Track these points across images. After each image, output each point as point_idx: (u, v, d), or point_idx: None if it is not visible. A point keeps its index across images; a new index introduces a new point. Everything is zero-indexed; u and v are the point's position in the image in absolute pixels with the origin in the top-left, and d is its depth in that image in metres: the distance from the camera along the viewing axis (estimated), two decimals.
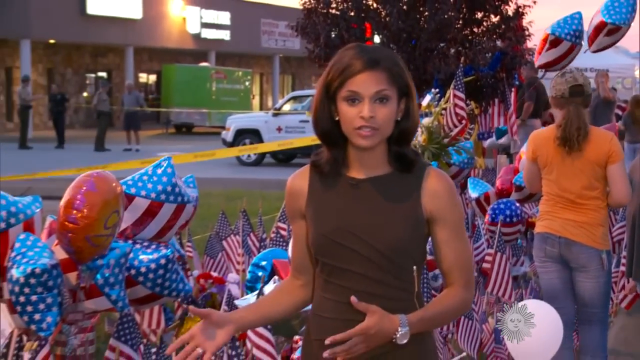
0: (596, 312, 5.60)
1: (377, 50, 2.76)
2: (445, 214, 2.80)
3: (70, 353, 5.23)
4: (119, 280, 4.84)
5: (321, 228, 2.80)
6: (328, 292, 2.82)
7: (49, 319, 4.54)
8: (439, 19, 12.16)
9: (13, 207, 4.65)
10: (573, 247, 5.47)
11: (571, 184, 5.47)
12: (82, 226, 4.45)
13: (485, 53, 12.28)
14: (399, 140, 2.80)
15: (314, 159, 2.85)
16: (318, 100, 2.79)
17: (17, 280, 4.44)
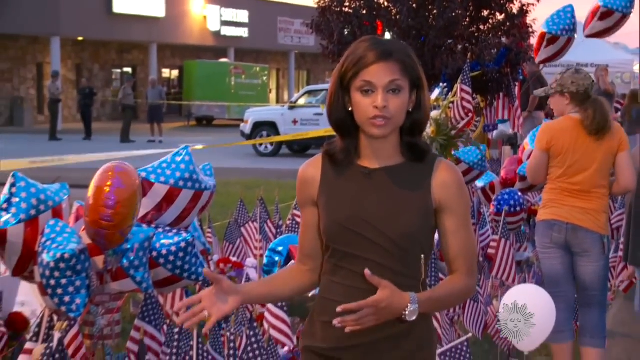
0: (596, 294, 5.61)
1: (391, 43, 2.73)
2: (454, 204, 2.77)
3: (98, 332, 5.25)
4: (143, 262, 4.85)
5: (334, 215, 2.76)
6: (337, 276, 2.79)
7: (78, 301, 4.56)
8: (447, 17, 12.15)
9: (42, 195, 4.66)
10: (579, 233, 5.48)
11: (585, 173, 5.47)
12: (116, 223, 4.47)
13: (491, 49, 12.23)
14: (411, 130, 2.77)
15: (327, 148, 2.81)
16: (332, 91, 2.76)
17: (47, 265, 4.45)
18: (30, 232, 4.53)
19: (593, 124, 5.42)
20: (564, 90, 5.52)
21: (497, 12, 12.81)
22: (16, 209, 4.38)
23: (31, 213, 4.53)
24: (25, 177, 4.40)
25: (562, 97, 5.55)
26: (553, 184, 5.56)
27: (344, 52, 10.07)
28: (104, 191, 4.44)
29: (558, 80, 5.59)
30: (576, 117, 5.49)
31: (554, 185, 5.56)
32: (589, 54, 21.84)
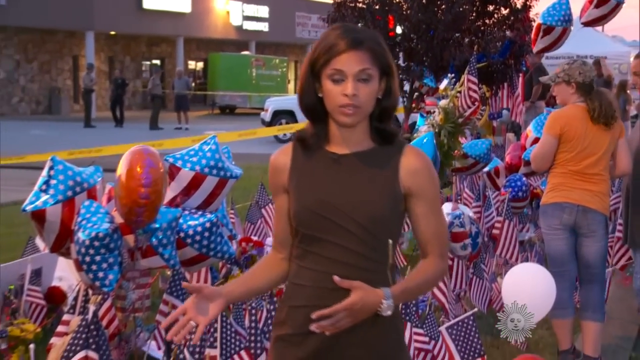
0: (597, 272, 5.61)
1: (361, 31, 2.61)
2: (424, 189, 2.64)
3: (129, 306, 5.27)
4: (170, 241, 4.87)
5: (303, 200, 2.63)
6: (306, 261, 2.64)
7: (111, 277, 4.58)
8: (454, 12, 12.10)
9: (78, 177, 4.68)
10: (589, 214, 5.45)
11: (592, 158, 5.44)
12: (153, 199, 4.49)
13: (496, 42, 12.20)
14: (380, 117, 2.65)
15: (299, 134, 2.71)
16: (303, 77, 2.62)
17: (82, 243, 4.47)
18: (67, 212, 4.55)
19: (601, 115, 5.41)
20: (571, 79, 5.48)
21: (502, 7, 12.78)
22: (54, 191, 4.39)
23: (68, 194, 4.55)
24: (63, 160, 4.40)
25: (568, 86, 5.51)
26: (562, 168, 5.51)
27: None
28: (138, 172, 4.45)
29: (565, 70, 5.54)
30: (582, 106, 5.47)
31: (563, 170, 5.51)
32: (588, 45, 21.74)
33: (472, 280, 6.33)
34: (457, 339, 4.94)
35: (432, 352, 4.85)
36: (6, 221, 10.75)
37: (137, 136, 22.83)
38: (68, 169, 4.61)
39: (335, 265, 2.56)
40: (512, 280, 4.93)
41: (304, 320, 2.59)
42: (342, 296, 2.51)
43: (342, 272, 2.53)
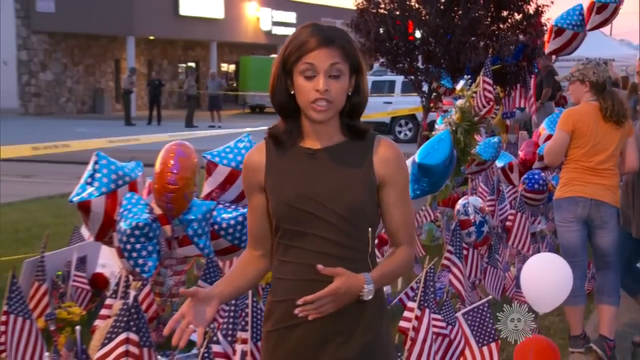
0: (611, 260, 5.59)
1: (332, 30, 2.50)
2: (395, 178, 2.56)
3: (167, 291, 5.30)
4: (205, 231, 4.89)
5: (282, 196, 2.52)
6: (289, 255, 2.53)
7: (150, 264, 4.61)
8: (470, 17, 12.09)
9: (120, 172, 4.70)
10: (601, 207, 5.43)
11: (604, 154, 5.41)
12: (180, 186, 4.51)
13: (510, 45, 12.17)
14: (350, 113, 2.55)
15: (270, 131, 2.60)
16: (275, 75, 2.52)
17: (124, 232, 4.50)
18: (110, 203, 4.58)
19: (613, 114, 5.38)
20: (585, 79, 5.46)
21: (515, 12, 12.75)
22: (99, 183, 4.43)
23: (111, 187, 4.59)
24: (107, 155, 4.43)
25: (582, 85, 5.48)
26: (574, 164, 5.48)
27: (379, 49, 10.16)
28: (169, 161, 4.49)
29: (580, 70, 5.50)
30: (594, 104, 5.44)
31: (575, 165, 5.48)
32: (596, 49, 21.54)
33: (486, 269, 6.32)
34: (472, 324, 4.92)
35: (449, 337, 4.83)
36: (54, 212, 10.84)
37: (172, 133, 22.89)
38: (111, 163, 4.64)
39: (317, 257, 2.46)
40: (530, 269, 4.89)
41: (285, 314, 2.52)
42: (324, 287, 2.43)
43: (324, 263, 2.44)
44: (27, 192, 12.99)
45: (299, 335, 2.52)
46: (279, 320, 2.55)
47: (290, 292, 2.49)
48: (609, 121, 5.39)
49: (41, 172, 15.65)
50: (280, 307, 2.54)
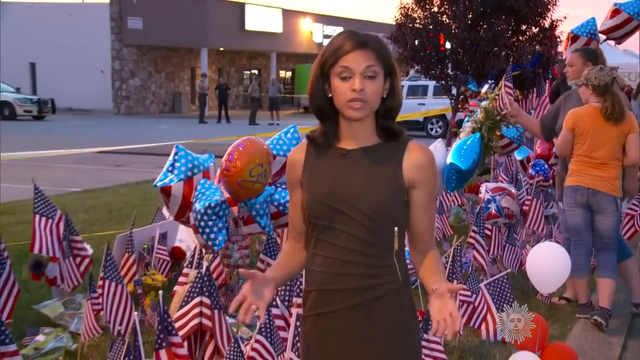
0: (609, 242, 5.49)
1: (366, 35, 2.30)
2: (423, 182, 2.30)
3: (234, 263, 5.33)
4: (266, 212, 4.91)
5: (315, 193, 2.32)
6: (319, 248, 2.33)
7: (220, 238, 4.64)
8: (494, 30, 12.02)
9: (196, 161, 4.74)
10: (598, 195, 5.35)
11: (601, 149, 5.32)
12: (232, 173, 4.53)
13: (528, 55, 12.06)
14: (385, 115, 2.31)
15: (310, 133, 2.38)
16: (313, 79, 2.30)
17: (199, 211, 4.53)
18: (187, 188, 4.62)
19: (612, 113, 5.28)
20: (589, 82, 5.37)
21: (533, 26, 12.65)
22: (178, 171, 4.47)
23: (188, 174, 4.62)
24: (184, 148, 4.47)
25: (587, 88, 5.41)
26: (577, 158, 5.43)
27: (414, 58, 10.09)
28: (229, 152, 4.54)
29: (585, 75, 5.41)
30: (596, 105, 5.35)
31: (577, 159, 5.43)
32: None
33: (505, 246, 6.29)
34: (493, 293, 4.90)
35: (473, 304, 4.82)
36: (141, 195, 10.98)
37: (238, 130, 23.04)
38: (188, 154, 4.68)
39: (344, 252, 2.28)
40: (535, 257, 4.83)
41: (316, 302, 2.34)
42: (347, 281, 2.28)
43: (349, 258, 2.27)
44: (118, 179, 13.18)
45: (326, 324, 2.33)
46: (311, 308, 2.38)
47: (319, 282, 2.32)
48: (609, 120, 5.30)
49: (130, 162, 15.85)
50: (311, 295, 2.36)
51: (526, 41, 12.56)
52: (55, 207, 5.09)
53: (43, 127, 25.98)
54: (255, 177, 4.63)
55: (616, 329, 5.55)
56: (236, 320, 4.72)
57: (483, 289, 4.87)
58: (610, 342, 5.33)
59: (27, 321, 5.07)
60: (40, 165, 13.97)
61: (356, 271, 2.26)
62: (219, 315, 3.70)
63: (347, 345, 2.32)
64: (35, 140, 19.59)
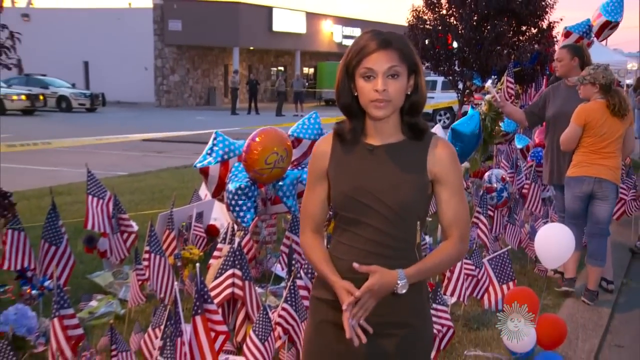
0: (604, 227, 5.38)
1: (390, 34, 2.11)
2: (448, 176, 2.15)
3: (262, 239, 5.34)
4: (292, 193, 4.89)
5: (342, 186, 2.16)
6: (343, 237, 2.19)
7: (248, 217, 4.64)
8: (496, 31, 11.95)
9: (232, 146, 4.74)
10: (603, 183, 5.21)
11: (609, 141, 5.19)
12: (249, 163, 4.51)
13: (527, 53, 11.95)
14: (410, 111, 2.16)
15: (337, 128, 2.22)
16: (339, 79, 2.15)
17: (230, 191, 4.53)
18: (223, 169, 4.62)
19: (620, 109, 5.15)
20: (596, 81, 5.19)
21: (532, 27, 12.56)
22: (215, 155, 4.47)
23: (224, 157, 4.62)
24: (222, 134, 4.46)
25: (593, 87, 5.20)
26: (585, 149, 5.25)
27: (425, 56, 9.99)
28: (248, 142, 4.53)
29: (591, 74, 5.23)
30: (602, 101, 5.20)
31: (585, 150, 5.25)
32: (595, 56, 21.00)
33: (506, 226, 6.24)
34: (495, 268, 4.87)
35: (477, 277, 4.79)
36: (179, 178, 11.03)
37: (266, 121, 23.05)
38: (226, 139, 4.67)
39: (368, 243, 2.14)
40: (543, 236, 4.77)
41: None
42: None
43: (374, 249, 2.13)
44: (160, 164, 13.24)
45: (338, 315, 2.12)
46: (332, 293, 2.17)
47: (344, 270, 2.15)
48: (616, 115, 5.16)
49: (170, 149, 15.92)
50: None
51: (526, 41, 12.47)
52: (105, 189, 5.12)
53: (94, 118, 26.15)
54: (272, 164, 4.61)
55: (604, 301, 5.52)
56: (264, 290, 4.74)
57: (486, 264, 4.85)
58: (599, 311, 5.31)
59: (81, 289, 5.12)
60: (92, 152, 14.09)
61: (379, 262, 2.11)
62: (249, 285, 3.71)
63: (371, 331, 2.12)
64: (88, 129, 19.73)
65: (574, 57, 5.83)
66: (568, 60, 5.84)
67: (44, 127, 21.12)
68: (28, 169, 11.77)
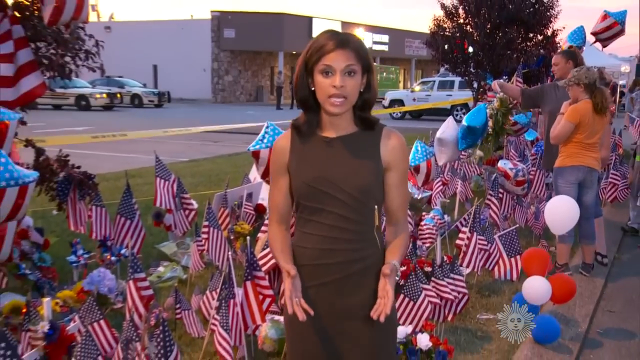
0: (592, 210, 5.24)
1: (346, 34, 1.96)
2: (397, 164, 1.98)
3: None
4: None
5: (303, 177, 1.97)
6: (307, 228, 1.99)
7: None
8: (507, 38, 11.87)
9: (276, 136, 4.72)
10: (593, 172, 5.09)
11: (596, 136, 5.05)
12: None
13: (534, 57, 11.84)
14: (362, 107, 1.98)
15: (294, 122, 2.04)
16: (298, 74, 1.96)
17: None
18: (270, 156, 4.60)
19: (602, 108, 4.99)
20: (580, 82, 5.02)
21: (538, 34, 12.46)
22: (266, 141, 4.43)
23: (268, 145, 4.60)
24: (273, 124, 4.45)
25: (578, 87, 5.04)
26: (576, 144, 5.08)
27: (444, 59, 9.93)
28: None
29: (575, 75, 5.05)
30: (589, 101, 5.03)
31: (576, 144, 5.08)
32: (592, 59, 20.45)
33: (515, 206, 6.13)
34: (505, 243, 4.80)
35: (489, 251, 4.73)
36: (232, 164, 11.10)
37: None
38: (276, 129, 4.64)
39: (333, 230, 1.96)
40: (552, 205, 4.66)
41: (308, 276, 1.98)
42: (338, 255, 1.97)
43: (338, 235, 1.96)
44: (216, 151, 13.34)
45: (318, 294, 1.98)
46: (304, 281, 1.98)
47: (310, 258, 1.99)
48: (598, 113, 5.01)
49: (225, 139, 16.02)
50: (303, 270, 1.97)
51: (533, 46, 12.38)
52: (171, 172, 5.16)
53: (161, 113, 26.44)
54: None
55: (599, 272, 5.44)
56: None
57: (497, 240, 4.78)
58: (594, 281, 5.23)
59: (151, 257, 5.19)
60: (159, 141, 14.25)
61: (345, 246, 1.96)
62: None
63: (337, 302, 1.99)
64: (156, 122, 19.96)
65: (568, 61, 5.83)
66: (563, 64, 5.83)
67: (120, 120, 21.45)
68: (108, 156, 11.97)
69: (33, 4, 4.02)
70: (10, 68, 3.54)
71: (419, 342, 3.15)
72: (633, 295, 5.06)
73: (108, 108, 27.22)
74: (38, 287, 4.09)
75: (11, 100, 3.56)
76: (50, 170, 4.47)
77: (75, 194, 4.56)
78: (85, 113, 24.96)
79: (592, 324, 4.42)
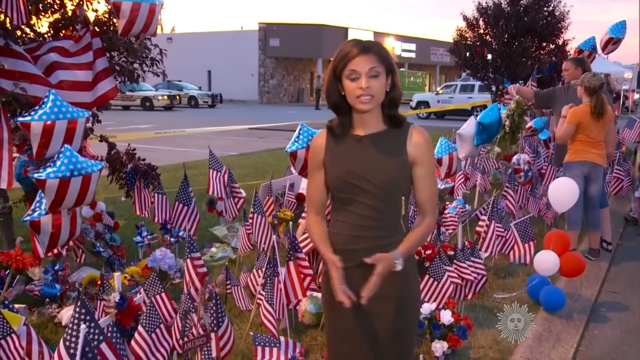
0: (597, 202, 5.10)
1: (368, 41, 1.93)
2: (423, 159, 1.93)
3: None
4: None
5: (337, 172, 1.95)
6: (340, 215, 1.97)
7: None
8: (523, 46, 11.71)
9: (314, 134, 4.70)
10: (597, 167, 4.95)
11: (596, 135, 4.90)
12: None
13: (546, 64, 11.59)
14: (389, 106, 1.95)
15: (328, 124, 2.02)
16: (328, 81, 1.95)
17: None
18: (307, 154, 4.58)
19: (597, 112, 4.85)
20: (583, 84, 4.93)
21: (550, 43, 12.27)
22: (301, 142, 4.43)
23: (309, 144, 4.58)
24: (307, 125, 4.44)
25: (582, 88, 4.96)
26: (580, 141, 4.95)
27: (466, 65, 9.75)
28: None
29: (581, 78, 5.00)
30: (588, 104, 4.90)
31: (581, 142, 4.95)
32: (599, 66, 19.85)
33: (529, 198, 6.00)
34: (519, 230, 4.71)
35: (505, 237, 4.65)
36: (276, 157, 11.14)
37: None
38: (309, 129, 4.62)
39: (362, 218, 1.93)
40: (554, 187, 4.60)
41: (341, 260, 1.90)
42: (364, 241, 1.93)
43: (367, 223, 1.93)
44: (261, 147, 13.40)
45: (348, 276, 1.90)
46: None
47: (342, 243, 1.96)
48: (595, 116, 4.87)
49: (270, 135, 16.08)
50: (336, 254, 1.92)
51: (546, 54, 12.21)
52: (222, 164, 5.20)
53: (214, 112, 26.72)
54: None
55: (603, 257, 5.33)
56: None
57: (512, 227, 4.68)
58: (599, 265, 5.15)
59: (204, 238, 5.26)
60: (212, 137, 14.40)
61: (373, 233, 1.93)
62: None
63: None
64: (210, 121, 20.19)
65: (577, 67, 5.74)
66: (573, 70, 5.74)
67: (179, 119, 21.76)
68: (168, 150, 12.16)
69: (110, 20, 4.12)
70: (89, 75, 3.62)
71: (442, 318, 3.17)
72: (633, 278, 4.99)
73: (168, 108, 27.67)
74: (110, 263, 4.19)
75: (89, 102, 3.64)
76: (120, 162, 4.56)
77: (140, 183, 4.64)
78: (149, 113, 25.43)
79: (596, 303, 4.38)
